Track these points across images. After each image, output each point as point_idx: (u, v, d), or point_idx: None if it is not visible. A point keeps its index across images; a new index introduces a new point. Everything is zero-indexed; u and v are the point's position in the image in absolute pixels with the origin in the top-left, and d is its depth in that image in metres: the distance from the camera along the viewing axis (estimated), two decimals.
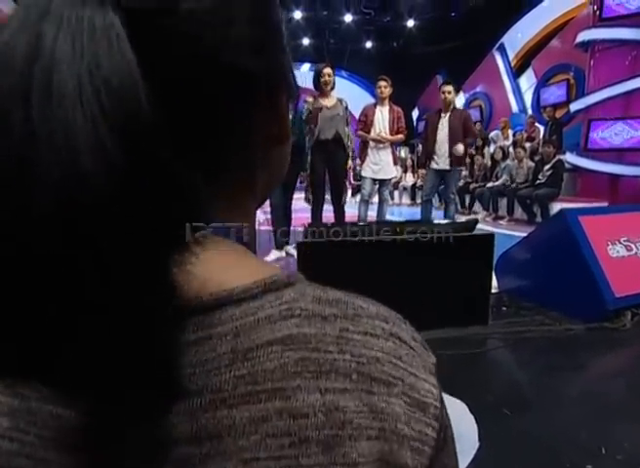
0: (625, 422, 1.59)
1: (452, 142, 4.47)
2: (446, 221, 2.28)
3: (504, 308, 2.68)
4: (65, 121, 0.17)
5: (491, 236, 2.33)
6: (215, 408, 0.22)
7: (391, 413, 0.24)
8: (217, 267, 0.24)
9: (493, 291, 3.02)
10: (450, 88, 4.65)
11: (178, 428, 0.21)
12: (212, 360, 0.22)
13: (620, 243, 2.65)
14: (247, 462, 0.21)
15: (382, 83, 4.31)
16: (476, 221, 2.41)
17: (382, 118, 4.40)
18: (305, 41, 14.13)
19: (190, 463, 0.21)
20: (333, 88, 3.90)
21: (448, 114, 4.58)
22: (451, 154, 4.51)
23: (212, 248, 0.23)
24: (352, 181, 8.46)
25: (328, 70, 3.85)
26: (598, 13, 6.86)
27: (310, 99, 3.88)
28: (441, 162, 4.61)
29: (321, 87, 3.84)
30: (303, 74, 14.71)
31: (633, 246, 2.69)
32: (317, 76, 3.84)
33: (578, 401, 1.69)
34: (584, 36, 7.13)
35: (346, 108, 3.95)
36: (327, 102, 3.85)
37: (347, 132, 3.95)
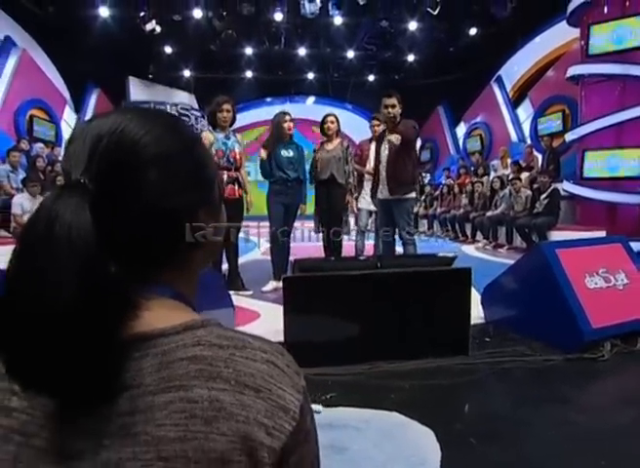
0: (592, 455, 1.60)
1: (389, 166, 3.74)
2: (426, 255, 2.40)
3: (488, 339, 2.76)
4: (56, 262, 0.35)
5: (468, 270, 2.45)
6: (145, 395, 0.37)
7: (255, 408, 0.38)
8: (158, 315, 0.41)
9: (480, 321, 3.11)
10: (393, 101, 3.62)
11: (122, 407, 0.37)
12: (147, 367, 0.38)
13: (599, 275, 2.74)
14: (159, 426, 0.37)
15: (375, 122, 4.58)
16: (454, 257, 2.53)
17: None
18: (310, 75, 14.67)
19: (127, 427, 0.37)
20: (337, 134, 4.40)
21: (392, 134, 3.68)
22: (389, 180, 3.75)
23: (158, 304, 0.42)
24: (355, 211, 8.74)
25: (329, 118, 4.39)
26: (585, 49, 7.15)
27: (317, 146, 4.46)
28: (384, 190, 3.83)
29: (324, 133, 4.40)
30: (309, 107, 15.07)
31: (612, 277, 2.78)
32: (322, 124, 4.41)
33: (546, 432, 1.74)
34: (573, 71, 7.39)
35: (347, 148, 4.37)
36: (329, 146, 4.37)
37: (348, 170, 4.36)
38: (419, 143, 15.13)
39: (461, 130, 13.65)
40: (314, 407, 1.83)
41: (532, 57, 10.95)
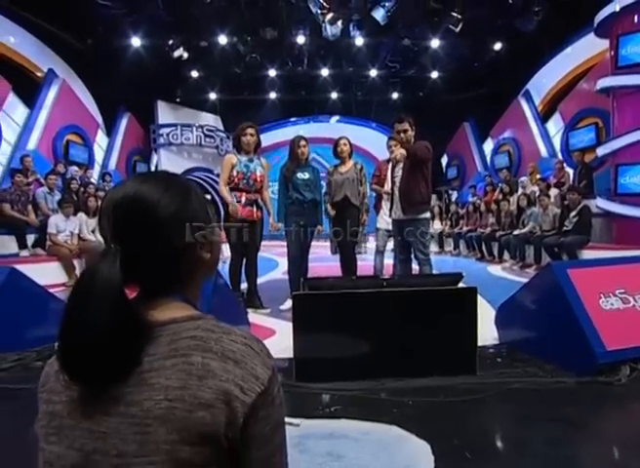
0: None
1: (402, 186, 3.73)
2: (436, 274, 2.39)
3: (499, 359, 2.70)
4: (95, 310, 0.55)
5: (474, 289, 2.42)
6: (159, 359, 0.56)
7: (234, 373, 0.56)
8: (171, 310, 0.62)
9: (494, 342, 3.05)
10: (405, 126, 3.66)
11: (143, 367, 0.55)
12: (162, 342, 0.58)
13: (616, 295, 2.64)
14: (167, 378, 0.55)
15: (392, 142, 4.61)
16: (462, 276, 2.51)
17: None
18: (333, 95, 14.87)
19: (145, 379, 0.55)
20: (350, 156, 4.51)
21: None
22: (402, 200, 3.73)
23: (171, 304, 0.63)
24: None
25: (342, 140, 4.50)
26: (615, 60, 6.96)
27: (331, 169, 4.57)
28: (398, 210, 3.81)
29: (337, 155, 4.49)
30: (333, 126, 15.17)
31: (631, 298, 2.66)
32: (335, 146, 4.50)
33: (545, 452, 1.69)
34: (603, 83, 7.20)
35: (361, 170, 4.46)
36: (342, 169, 4.48)
37: (362, 191, 4.44)
38: (444, 161, 15.15)
39: (489, 146, 13.42)
40: (294, 420, 1.89)
41: (561, 69, 10.63)
